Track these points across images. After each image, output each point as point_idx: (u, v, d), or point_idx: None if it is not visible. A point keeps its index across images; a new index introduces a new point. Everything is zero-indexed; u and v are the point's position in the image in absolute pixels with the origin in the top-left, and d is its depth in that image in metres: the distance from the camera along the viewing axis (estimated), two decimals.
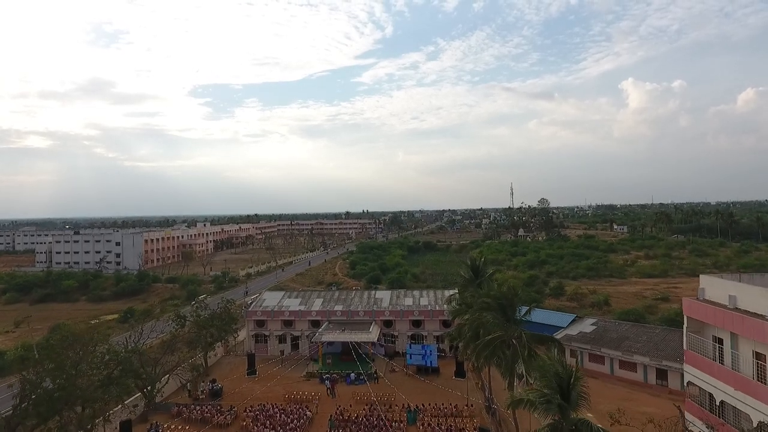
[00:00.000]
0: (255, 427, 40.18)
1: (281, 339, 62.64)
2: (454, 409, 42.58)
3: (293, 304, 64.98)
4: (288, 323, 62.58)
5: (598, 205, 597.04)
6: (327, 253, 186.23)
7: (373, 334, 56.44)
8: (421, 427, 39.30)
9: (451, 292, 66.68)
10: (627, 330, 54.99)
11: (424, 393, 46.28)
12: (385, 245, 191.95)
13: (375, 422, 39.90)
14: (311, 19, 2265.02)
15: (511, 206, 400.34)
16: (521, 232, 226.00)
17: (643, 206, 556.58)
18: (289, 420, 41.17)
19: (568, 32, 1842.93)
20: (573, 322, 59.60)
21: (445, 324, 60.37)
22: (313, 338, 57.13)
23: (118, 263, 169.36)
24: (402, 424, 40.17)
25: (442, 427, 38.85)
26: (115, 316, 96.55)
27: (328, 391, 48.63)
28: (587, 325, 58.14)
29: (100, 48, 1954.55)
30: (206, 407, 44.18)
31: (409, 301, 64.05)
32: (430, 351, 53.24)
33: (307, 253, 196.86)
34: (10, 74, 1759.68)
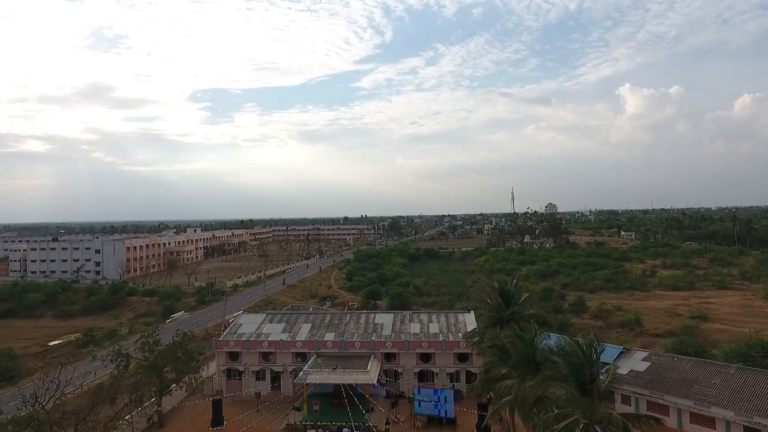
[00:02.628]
0: None
1: (259, 375, 51.05)
2: None
3: (275, 331, 53.41)
4: (267, 356, 51.01)
5: (600, 210, 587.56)
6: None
7: (371, 373, 44.88)
8: None
9: (466, 315, 55.42)
10: (691, 369, 43.57)
11: None
12: (384, 253, 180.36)
13: None
14: (311, 24, 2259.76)
15: (513, 211, 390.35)
16: (527, 238, 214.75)
17: (644, 211, 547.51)
18: None
19: (566, 38, 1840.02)
20: (620, 356, 48.15)
21: (461, 358, 48.91)
22: (296, 380, 45.50)
23: (98, 272, 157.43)
24: None
25: None
26: (78, 336, 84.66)
27: None
28: (638, 361, 46.71)
29: (99, 52, 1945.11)
30: None
31: (415, 328, 52.56)
32: (445, 398, 41.72)
33: (301, 260, 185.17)
34: (9, 78, 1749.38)
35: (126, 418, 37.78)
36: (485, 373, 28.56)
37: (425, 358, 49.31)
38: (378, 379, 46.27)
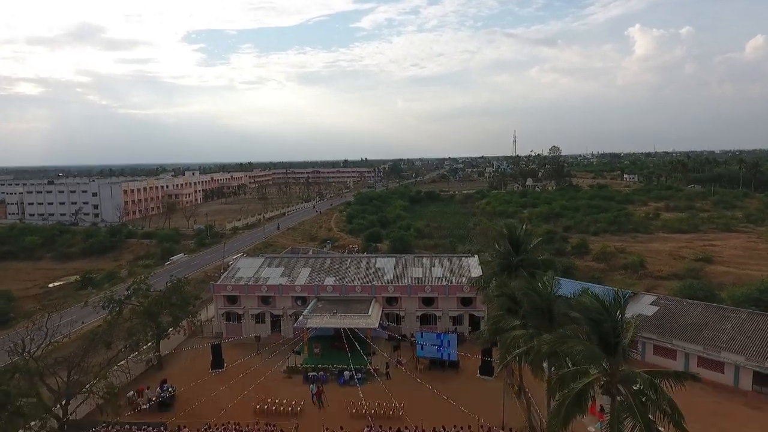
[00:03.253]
0: None
1: (258, 318, 50.25)
2: None
3: (274, 275, 52.14)
4: (267, 300, 49.97)
5: (602, 154, 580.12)
6: (316, 209, 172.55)
7: (372, 317, 43.89)
8: None
9: (469, 258, 54.05)
10: (701, 314, 42.46)
11: (442, 406, 34.03)
12: (385, 195, 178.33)
13: None
14: None
15: (515, 154, 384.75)
16: (529, 181, 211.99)
17: (647, 155, 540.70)
18: None
19: None
20: (628, 300, 46.92)
21: (465, 302, 47.84)
22: (296, 324, 44.55)
23: (96, 215, 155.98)
24: None
25: None
26: (77, 278, 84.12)
27: (314, 399, 36.54)
28: (646, 305, 45.65)
29: None
30: (145, 429, 32.04)
31: (417, 272, 51.25)
32: (448, 342, 40.84)
33: (301, 203, 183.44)
34: None
35: (120, 363, 36.85)
36: (494, 324, 27.09)
37: (428, 301, 48.28)
38: (380, 322, 45.38)
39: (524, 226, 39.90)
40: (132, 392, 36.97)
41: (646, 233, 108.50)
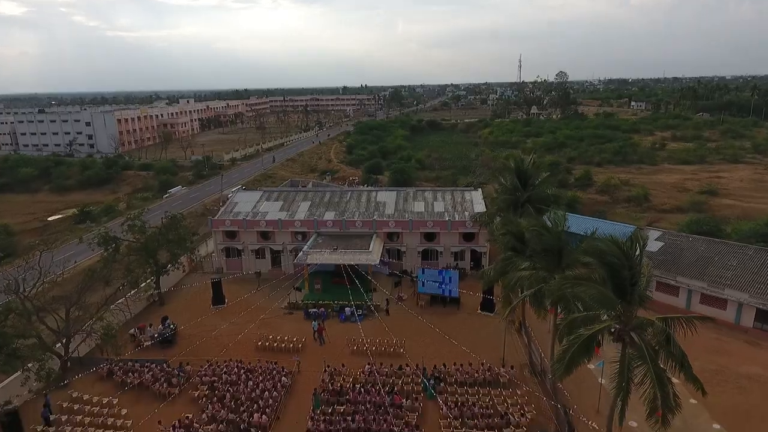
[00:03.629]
0: (209, 404, 28.46)
1: (258, 254, 49.80)
2: (488, 374, 30.62)
3: (272, 209, 51.08)
4: (266, 235, 49.25)
5: (609, 80, 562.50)
6: (316, 139, 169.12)
7: (373, 253, 43.29)
8: (444, 407, 27.37)
9: (472, 192, 52.84)
10: (706, 250, 41.78)
11: (443, 342, 34.13)
12: (386, 125, 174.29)
13: (378, 398, 28.09)
14: None
15: (519, 80, 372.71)
16: (534, 109, 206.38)
17: (656, 81, 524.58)
18: (258, 390, 29.42)
19: None
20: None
21: (467, 237, 47.10)
22: (296, 260, 44.01)
23: (91, 146, 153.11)
24: (418, 403, 28.44)
25: (476, 407, 27.15)
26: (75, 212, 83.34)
27: (315, 336, 36.66)
28: (651, 241, 44.70)
29: None
30: (148, 366, 32.25)
31: (419, 207, 50.15)
32: (450, 278, 40.45)
33: (300, 133, 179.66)
34: None
35: (119, 301, 36.56)
36: (502, 266, 26.18)
37: (429, 237, 47.56)
38: (381, 258, 44.89)
39: (532, 158, 38.21)
40: (133, 329, 37.07)
41: (651, 164, 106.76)
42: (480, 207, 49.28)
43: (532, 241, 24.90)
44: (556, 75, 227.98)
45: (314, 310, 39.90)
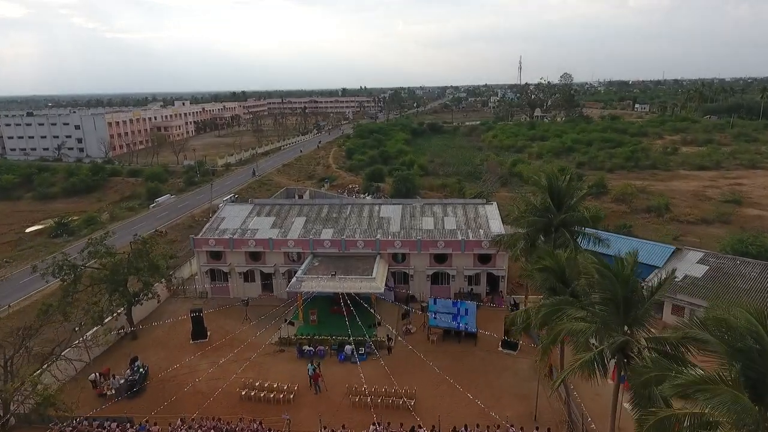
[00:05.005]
0: None
1: (247, 276, 44.28)
2: None
3: (263, 226, 45.58)
4: (256, 256, 43.74)
5: (609, 81, 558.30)
6: (320, 141, 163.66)
7: (377, 280, 37.77)
8: None
9: (487, 206, 47.44)
10: (763, 274, 36.44)
11: (459, 392, 28.61)
12: (386, 128, 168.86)
13: None
14: None
15: (519, 82, 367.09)
16: (538, 112, 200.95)
17: (657, 82, 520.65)
18: None
19: None
20: (671, 257, 40.89)
21: (483, 259, 41.66)
22: (288, 288, 38.45)
23: (81, 149, 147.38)
24: None
25: None
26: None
27: (311, 383, 31.14)
28: (693, 264, 39.50)
29: None
30: (107, 427, 26.68)
31: (428, 223, 44.67)
32: (466, 310, 35.03)
33: (298, 136, 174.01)
34: None
35: (76, 343, 30.88)
36: (545, 315, 20.62)
37: (440, 258, 42.06)
38: (386, 282, 39.46)
39: (568, 176, 32.86)
40: (94, 374, 31.47)
41: (665, 170, 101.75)
42: (496, 223, 43.94)
43: (587, 284, 19.53)
44: (561, 77, 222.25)
45: (309, 348, 34.39)
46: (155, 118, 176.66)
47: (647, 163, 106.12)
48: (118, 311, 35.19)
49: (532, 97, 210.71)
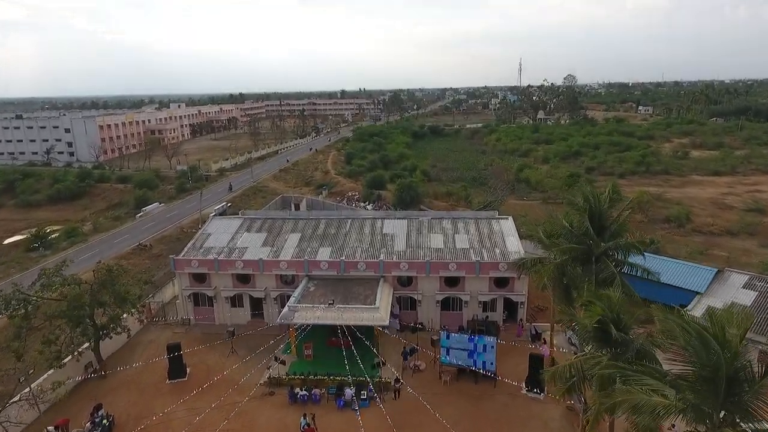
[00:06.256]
0: None
1: (235, 301, 39.57)
2: None
3: (253, 244, 40.85)
4: (244, 278, 39.02)
5: (610, 83, 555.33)
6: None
7: (381, 310, 32.99)
8: None
9: (502, 221, 42.81)
10: None
11: None
12: (386, 131, 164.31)
13: None
14: None
15: (520, 84, 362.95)
16: (541, 114, 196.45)
17: (657, 84, 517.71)
18: None
19: None
20: (714, 280, 36.27)
21: (500, 283, 36.98)
22: (279, 319, 33.65)
23: (71, 154, 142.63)
24: None
25: None
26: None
27: None
28: (738, 289, 34.90)
29: None
30: None
31: (437, 241, 39.96)
32: (484, 346, 30.33)
33: (296, 139, 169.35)
34: None
35: (25, 392, 25.99)
36: (602, 381, 15.95)
37: (451, 282, 37.36)
38: (391, 310, 34.74)
39: (610, 195, 28.24)
40: (50, 427, 26.67)
41: (678, 175, 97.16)
42: (513, 241, 39.29)
43: (650, 341, 14.88)
44: (564, 78, 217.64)
45: (303, 393, 29.59)
46: (149, 121, 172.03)
47: (659, 168, 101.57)
48: (80, 349, 30.26)
49: (535, 98, 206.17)
